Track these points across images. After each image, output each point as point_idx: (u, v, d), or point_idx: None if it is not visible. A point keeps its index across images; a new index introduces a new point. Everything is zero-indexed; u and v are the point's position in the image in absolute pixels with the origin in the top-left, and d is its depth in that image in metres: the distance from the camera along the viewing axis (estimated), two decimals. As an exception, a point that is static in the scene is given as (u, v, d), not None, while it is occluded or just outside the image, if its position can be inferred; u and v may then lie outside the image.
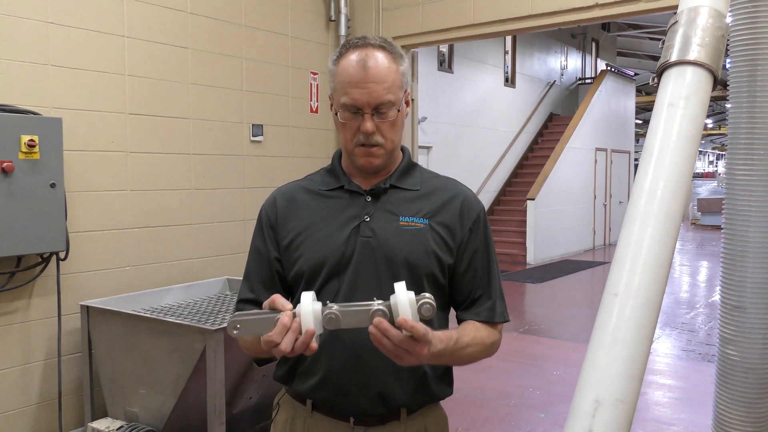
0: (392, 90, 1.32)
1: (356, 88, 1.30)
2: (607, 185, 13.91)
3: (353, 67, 1.32)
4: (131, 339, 2.99)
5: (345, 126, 1.35)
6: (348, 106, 1.32)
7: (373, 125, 1.32)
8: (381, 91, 1.31)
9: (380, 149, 1.35)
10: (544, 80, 14.16)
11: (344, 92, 1.32)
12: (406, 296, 1.12)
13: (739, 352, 1.33)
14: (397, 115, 1.35)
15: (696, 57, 1.05)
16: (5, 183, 2.87)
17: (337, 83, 1.35)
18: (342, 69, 1.34)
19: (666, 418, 4.11)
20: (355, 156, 1.37)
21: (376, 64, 1.31)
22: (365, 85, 1.30)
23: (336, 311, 1.13)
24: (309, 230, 1.40)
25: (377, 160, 1.37)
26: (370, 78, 1.30)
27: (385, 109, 1.32)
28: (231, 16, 4.11)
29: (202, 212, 3.97)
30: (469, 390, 4.42)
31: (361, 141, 1.34)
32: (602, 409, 0.82)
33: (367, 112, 1.31)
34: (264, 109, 4.34)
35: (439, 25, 4.55)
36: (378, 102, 1.31)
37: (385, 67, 1.32)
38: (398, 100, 1.34)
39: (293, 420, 1.44)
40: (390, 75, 1.32)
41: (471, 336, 1.35)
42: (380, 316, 1.12)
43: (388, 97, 1.31)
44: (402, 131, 1.42)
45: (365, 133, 1.32)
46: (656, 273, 0.91)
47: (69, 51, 3.28)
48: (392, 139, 1.37)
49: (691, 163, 0.99)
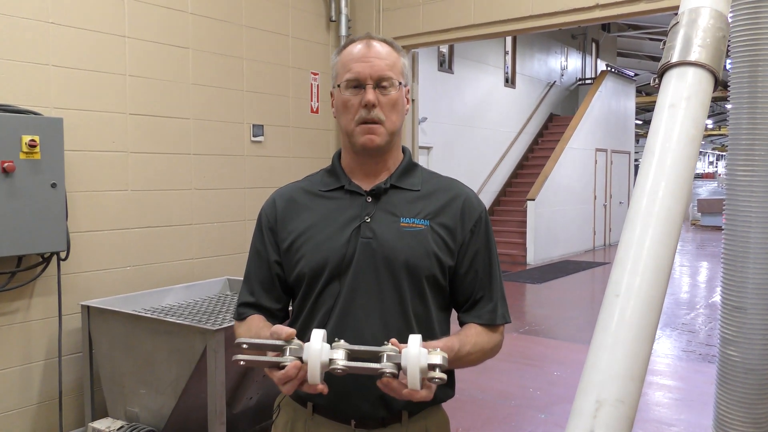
0: (394, 69, 1.37)
1: (359, 62, 1.35)
2: (608, 186, 13.91)
3: (357, 48, 1.38)
4: (132, 339, 2.99)
5: (347, 105, 1.36)
6: (351, 80, 1.35)
7: (374, 96, 1.34)
8: (383, 66, 1.35)
9: (381, 127, 1.36)
10: (544, 81, 14.16)
11: (347, 69, 1.36)
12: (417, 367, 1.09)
13: (739, 353, 1.33)
14: (397, 95, 1.37)
15: (697, 58, 1.05)
16: (6, 183, 2.87)
17: (339, 65, 1.39)
18: (345, 53, 1.40)
19: (666, 419, 4.11)
20: (355, 135, 1.37)
21: (378, 45, 1.38)
22: (368, 59, 1.35)
23: (343, 367, 1.11)
24: (309, 232, 1.40)
25: (378, 138, 1.36)
26: (373, 54, 1.36)
27: (387, 84, 1.35)
28: (232, 17, 4.11)
29: (203, 212, 3.98)
30: (470, 390, 4.42)
31: (363, 117, 1.34)
32: (604, 409, 0.82)
33: (369, 84, 1.34)
34: (264, 109, 4.34)
35: (439, 26, 4.55)
36: (380, 75, 1.34)
37: (387, 49, 1.39)
38: (399, 79, 1.38)
39: (294, 422, 1.44)
40: (392, 56, 1.38)
41: (472, 342, 1.34)
42: (389, 377, 1.11)
43: (390, 73, 1.35)
44: (403, 119, 1.43)
45: (367, 104, 1.33)
46: (657, 274, 0.91)
47: (70, 51, 3.29)
48: (392, 119, 1.37)
49: (692, 164, 0.99)
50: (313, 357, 1.12)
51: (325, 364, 1.12)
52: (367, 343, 1.18)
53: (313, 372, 1.11)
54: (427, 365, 1.10)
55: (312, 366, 1.11)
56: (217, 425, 2.73)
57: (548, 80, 14.32)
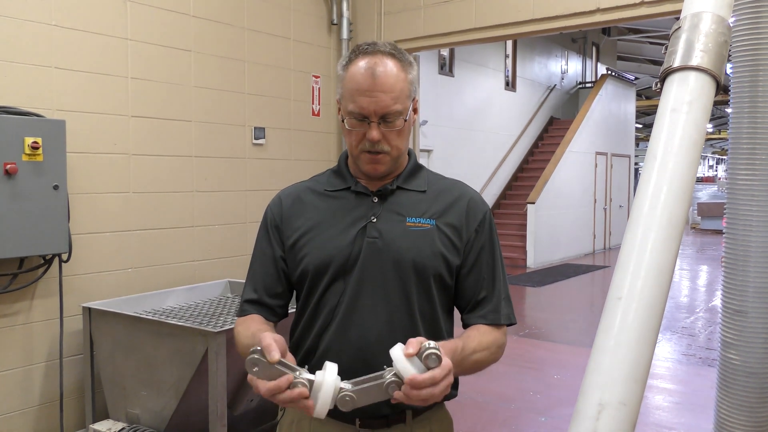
0: (400, 99, 1.32)
1: (364, 97, 1.30)
2: (608, 189, 13.92)
3: (361, 74, 1.31)
4: (133, 341, 2.99)
5: (351, 132, 1.35)
6: (355, 113, 1.32)
7: (379, 134, 1.32)
8: (388, 101, 1.30)
9: (386, 156, 1.36)
10: (544, 84, 14.18)
11: (352, 100, 1.32)
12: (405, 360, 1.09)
13: (740, 357, 1.33)
14: (404, 124, 1.35)
15: (699, 62, 1.06)
16: (9, 185, 2.87)
17: (345, 90, 1.35)
18: (350, 76, 1.34)
19: (667, 422, 4.11)
20: (360, 162, 1.38)
21: (384, 72, 1.31)
22: (373, 94, 1.30)
23: (351, 393, 1.11)
24: (315, 230, 1.40)
25: (382, 167, 1.37)
26: (378, 87, 1.30)
27: (392, 118, 1.32)
28: (233, 20, 4.12)
29: (204, 215, 3.98)
30: (470, 393, 4.42)
31: (367, 148, 1.34)
32: (606, 412, 0.83)
33: (373, 121, 1.31)
34: (266, 112, 4.35)
35: (440, 29, 4.56)
36: (385, 111, 1.31)
37: (393, 76, 1.32)
38: (405, 109, 1.34)
39: (299, 422, 1.44)
40: (398, 84, 1.32)
41: (476, 342, 1.33)
42: (395, 387, 1.10)
43: (396, 107, 1.31)
44: (409, 138, 1.43)
45: (371, 141, 1.33)
46: (659, 277, 0.91)
47: (72, 53, 3.29)
48: (398, 146, 1.37)
49: (693, 167, 1.00)
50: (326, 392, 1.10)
51: (335, 396, 1.11)
52: (371, 342, 1.18)
53: (323, 406, 1.10)
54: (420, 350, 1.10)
55: (323, 401, 1.10)
56: (219, 427, 2.73)
57: (548, 84, 14.34)
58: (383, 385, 1.10)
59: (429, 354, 1.09)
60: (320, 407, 1.10)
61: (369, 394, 1.11)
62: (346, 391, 1.10)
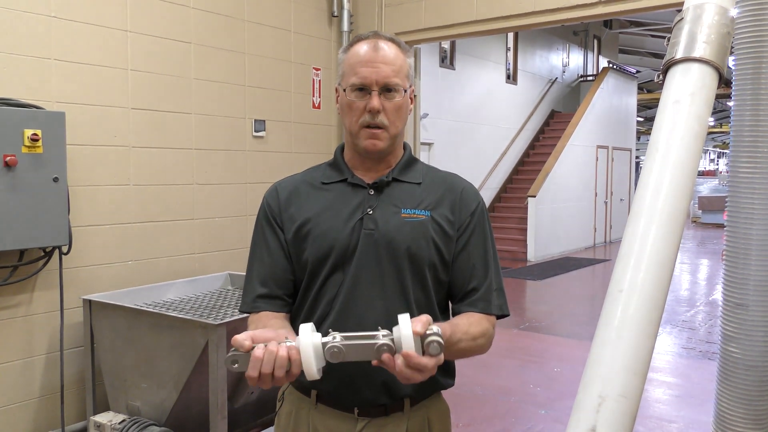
0: (400, 74, 1.37)
1: (366, 67, 1.35)
2: (609, 183, 13.91)
3: (364, 49, 1.38)
4: (133, 333, 3.00)
5: (351, 107, 1.37)
6: (357, 84, 1.36)
7: (379, 103, 1.35)
8: (389, 72, 1.35)
9: (384, 132, 1.37)
10: (545, 77, 14.15)
11: (354, 73, 1.36)
12: (411, 333, 1.07)
13: (741, 350, 1.33)
14: (402, 100, 1.38)
15: (701, 54, 1.05)
16: (8, 177, 2.87)
17: (346, 66, 1.39)
18: (352, 53, 1.39)
19: (667, 416, 4.12)
20: (359, 138, 1.38)
21: (386, 48, 1.38)
22: (374, 64, 1.35)
23: (339, 344, 1.09)
24: (312, 222, 1.41)
25: (381, 143, 1.38)
26: (380, 58, 1.36)
27: (392, 88, 1.36)
28: (234, 11, 4.10)
29: (204, 207, 3.98)
30: (470, 386, 4.43)
31: (367, 121, 1.36)
32: (606, 404, 0.82)
33: (374, 90, 1.35)
34: (266, 104, 4.34)
35: (441, 22, 4.54)
36: (386, 81, 1.35)
37: (394, 52, 1.38)
38: (404, 85, 1.39)
39: (297, 411, 1.45)
40: (398, 60, 1.38)
41: (463, 330, 1.32)
42: (386, 351, 1.09)
43: (396, 79, 1.36)
44: (406, 121, 1.45)
45: (371, 110, 1.34)
46: (660, 270, 0.91)
47: (72, 45, 3.28)
48: (396, 124, 1.39)
49: (695, 160, 0.99)
50: (305, 342, 1.09)
51: (317, 346, 1.09)
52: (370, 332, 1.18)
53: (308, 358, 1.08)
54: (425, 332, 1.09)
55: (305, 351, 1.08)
56: (219, 419, 2.74)
57: (550, 77, 14.30)
58: (374, 346, 1.10)
59: (432, 342, 1.09)
60: (306, 365, 1.08)
61: (357, 351, 1.10)
62: (335, 343, 1.09)
